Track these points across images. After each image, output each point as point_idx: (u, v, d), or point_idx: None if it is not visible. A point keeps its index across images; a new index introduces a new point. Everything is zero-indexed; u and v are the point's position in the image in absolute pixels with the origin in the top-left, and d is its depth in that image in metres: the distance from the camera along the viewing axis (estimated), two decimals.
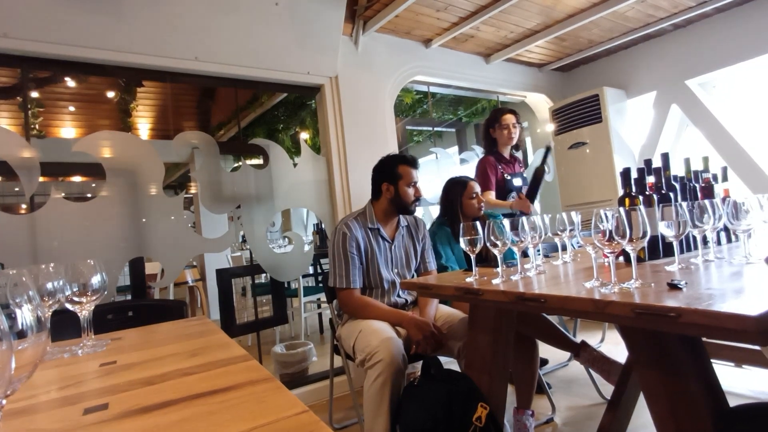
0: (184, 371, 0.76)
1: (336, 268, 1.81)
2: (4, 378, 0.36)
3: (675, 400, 1.05)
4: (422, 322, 1.68)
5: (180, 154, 2.39)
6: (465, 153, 3.66)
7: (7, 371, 0.36)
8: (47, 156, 2.06)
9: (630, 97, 3.76)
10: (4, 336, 0.36)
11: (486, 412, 1.33)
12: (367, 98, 2.96)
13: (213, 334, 1.06)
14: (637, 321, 0.90)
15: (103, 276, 1.01)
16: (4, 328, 0.36)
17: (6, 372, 0.36)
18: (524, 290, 1.14)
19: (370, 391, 1.48)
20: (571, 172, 3.79)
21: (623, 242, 1.03)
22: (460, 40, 3.28)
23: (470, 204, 2.23)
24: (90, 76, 3.15)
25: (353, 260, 1.81)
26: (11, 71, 2.90)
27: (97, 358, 0.92)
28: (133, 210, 2.21)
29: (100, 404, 0.64)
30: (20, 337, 0.42)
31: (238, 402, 0.60)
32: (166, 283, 2.69)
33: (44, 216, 1.99)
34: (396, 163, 1.92)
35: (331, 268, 1.85)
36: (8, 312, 0.41)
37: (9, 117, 3.61)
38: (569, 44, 3.61)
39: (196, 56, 2.34)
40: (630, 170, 1.46)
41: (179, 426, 0.55)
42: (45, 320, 0.45)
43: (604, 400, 2.17)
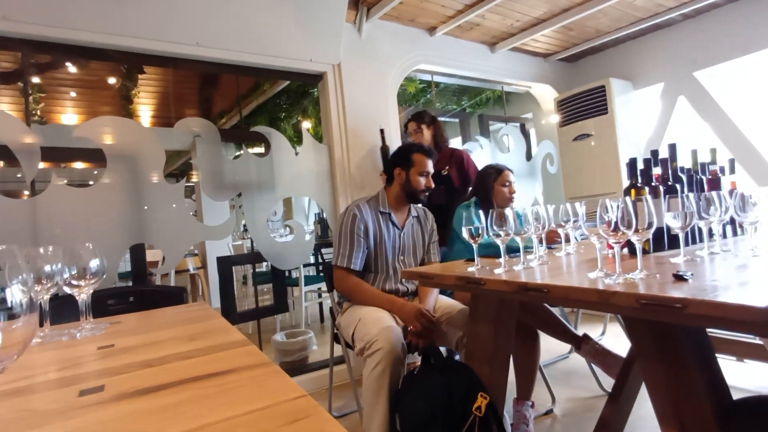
0: (182, 355, 0.75)
1: (340, 247, 1.81)
2: None
3: (678, 392, 1.04)
4: (412, 307, 1.68)
5: (181, 141, 2.38)
6: (468, 143, 3.63)
7: None
8: (48, 142, 2.05)
9: (637, 89, 3.71)
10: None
11: (486, 402, 1.33)
12: (370, 87, 2.93)
13: (213, 319, 1.05)
14: (642, 312, 0.89)
15: (101, 260, 1.00)
16: None
17: None
18: (527, 280, 1.13)
19: (369, 380, 1.48)
20: (575, 164, 3.75)
21: (629, 233, 1.01)
22: (465, 28, 3.23)
23: (501, 191, 2.23)
24: (91, 61, 3.12)
25: (358, 242, 1.81)
26: (12, 55, 2.87)
27: (95, 341, 0.92)
28: (134, 197, 2.20)
29: (96, 386, 0.63)
30: (10, 318, 0.41)
31: (235, 386, 0.59)
32: (167, 270, 2.69)
33: (45, 201, 1.98)
34: (412, 150, 1.94)
35: (335, 246, 1.85)
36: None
37: (10, 102, 3.59)
38: (576, 34, 3.55)
39: (197, 42, 2.32)
40: (636, 161, 1.44)
41: (175, 408, 0.54)
42: (36, 301, 0.44)
43: (605, 393, 2.17)
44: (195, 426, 0.48)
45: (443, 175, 2.62)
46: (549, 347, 2.75)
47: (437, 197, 2.56)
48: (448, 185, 2.63)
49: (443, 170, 2.65)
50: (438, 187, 2.47)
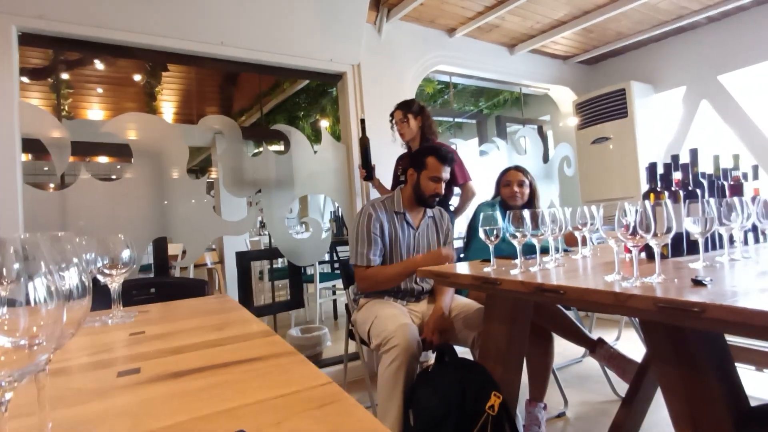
0: (210, 343, 0.79)
1: (358, 246, 1.83)
2: (56, 331, 0.38)
3: (693, 397, 1.04)
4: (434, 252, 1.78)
5: (203, 138, 2.44)
6: (485, 145, 3.63)
7: (59, 325, 0.39)
8: (76, 136, 2.12)
9: (657, 92, 3.66)
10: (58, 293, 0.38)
11: (499, 401, 1.34)
12: (389, 87, 2.95)
13: (235, 310, 1.09)
14: (659, 315, 0.89)
15: (132, 250, 1.04)
16: (59, 286, 0.38)
17: (58, 325, 0.38)
18: (543, 281, 1.14)
19: (384, 375, 1.50)
20: (593, 168, 3.72)
21: (647, 236, 1.01)
22: (485, 29, 3.23)
23: (503, 191, 2.27)
24: (117, 59, 3.21)
25: (375, 241, 1.83)
26: (43, 52, 2.98)
27: (126, 328, 0.96)
28: (158, 192, 2.27)
29: (133, 368, 0.67)
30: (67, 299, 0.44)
31: (263, 372, 0.62)
32: (188, 263, 2.76)
33: (74, 194, 2.06)
34: (427, 153, 1.91)
35: (352, 246, 1.86)
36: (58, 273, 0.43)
37: (40, 98, 3.71)
38: (597, 36, 3.52)
39: (221, 41, 2.37)
40: (656, 165, 1.44)
41: (207, 391, 0.57)
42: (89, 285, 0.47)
43: (618, 398, 2.15)
44: (228, 407, 0.51)
45: None
46: (562, 350, 2.74)
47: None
48: None
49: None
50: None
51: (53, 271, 0.40)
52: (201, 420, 0.48)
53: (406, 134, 2.51)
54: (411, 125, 2.49)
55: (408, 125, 2.49)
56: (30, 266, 0.39)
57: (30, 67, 3.09)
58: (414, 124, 2.49)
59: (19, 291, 0.38)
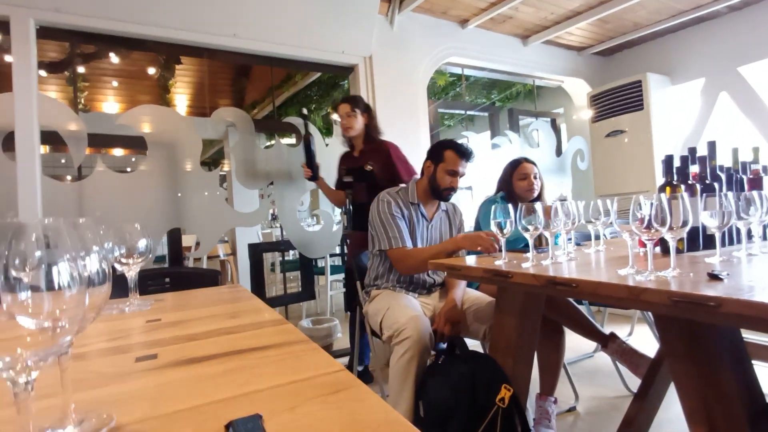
0: (225, 330, 0.80)
1: (387, 231, 1.82)
2: (78, 314, 0.39)
3: (708, 392, 1.03)
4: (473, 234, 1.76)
5: (216, 130, 2.46)
6: (497, 138, 3.59)
7: (81, 308, 0.40)
8: (92, 129, 2.16)
9: (675, 84, 3.58)
10: (81, 279, 0.39)
11: (510, 394, 1.34)
12: (401, 79, 2.94)
13: (249, 300, 1.11)
14: (674, 309, 0.88)
15: (148, 240, 1.06)
16: (81, 271, 0.40)
17: (80, 309, 0.39)
18: (555, 274, 1.13)
19: (396, 367, 1.51)
20: (607, 161, 3.67)
21: (662, 230, 1.00)
22: (498, 20, 3.19)
23: (519, 185, 2.22)
24: (132, 52, 3.25)
25: (401, 221, 1.84)
26: (60, 46, 3.03)
27: (142, 316, 0.98)
28: (172, 183, 2.30)
29: (150, 354, 0.69)
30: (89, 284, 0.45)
31: (277, 359, 0.63)
32: (202, 254, 2.80)
33: (90, 185, 2.10)
34: (446, 146, 1.89)
35: (380, 234, 1.84)
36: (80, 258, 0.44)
37: (57, 91, 3.77)
38: (612, 27, 3.45)
39: (234, 33, 2.38)
40: (673, 158, 1.41)
41: (223, 376, 0.58)
42: (109, 271, 0.48)
43: (630, 393, 2.14)
44: (243, 392, 0.52)
45: (366, 171, 2.31)
46: (573, 345, 2.72)
47: (360, 195, 2.34)
48: (371, 182, 2.31)
49: (366, 166, 2.33)
50: (360, 185, 2.33)
51: (75, 256, 0.41)
52: (218, 403, 0.49)
53: (353, 129, 2.36)
54: (358, 120, 2.36)
55: (355, 119, 2.35)
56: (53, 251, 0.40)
57: (47, 61, 3.14)
58: (360, 120, 2.37)
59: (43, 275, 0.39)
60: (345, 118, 2.36)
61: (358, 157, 2.41)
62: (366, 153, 2.39)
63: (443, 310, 1.74)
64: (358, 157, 2.41)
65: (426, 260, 1.79)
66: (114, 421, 0.47)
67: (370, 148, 2.40)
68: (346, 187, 2.38)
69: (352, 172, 2.36)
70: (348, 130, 2.37)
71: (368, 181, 2.32)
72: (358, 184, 2.35)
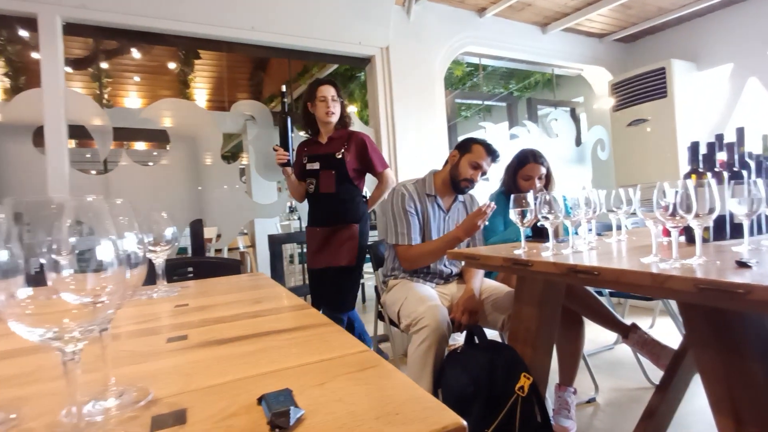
0: (251, 314, 0.83)
1: (397, 226, 1.85)
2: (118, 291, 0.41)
3: (734, 381, 1.01)
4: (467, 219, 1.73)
5: (235, 123, 2.49)
6: (515, 128, 3.55)
7: (122, 284, 0.42)
8: (115, 123, 2.21)
9: (701, 70, 3.48)
10: (121, 258, 0.41)
11: (529, 383, 1.34)
12: (417, 70, 2.93)
13: (272, 287, 1.13)
14: (700, 297, 0.87)
15: (175, 228, 1.09)
16: (121, 252, 0.42)
17: (121, 285, 0.42)
18: (575, 263, 1.12)
19: (414, 355, 1.52)
20: (629, 151, 3.59)
21: (688, 217, 0.98)
22: (517, 8, 3.14)
23: (522, 184, 2.14)
24: (153, 48, 3.31)
25: (413, 218, 1.85)
26: (84, 43, 3.10)
27: (170, 301, 1.01)
28: (194, 176, 2.35)
29: (181, 335, 0.71)
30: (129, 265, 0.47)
31: (303, 340, 0.65)
32: (223, 245, 2.86)
33: (115, 178, 2.16)
34: (476, 141, 1.91)
35: (390, 227, 1.88)
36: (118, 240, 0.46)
37: (82, 87, 3.87)
38: (635, 12, 3.36)
39: (252, 26, 2.40)
40: (698, 145, 1.38)
41: (252, 355, 0.60)
42: (144, 253, 0.50)
43: (652, 385, 2.11)
44: (273, 369, 0.54)
45: (337, 158, 2.15)
46: (593, 337, 2.70)
47: (327, 185, 2.15)
48: (341, 171, 2.15)
49: (337, 153, 2.15)
50: (328, 173, 2.13)
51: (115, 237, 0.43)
52: (248, 379, 0.51)
53: (336, 114, 2.16)
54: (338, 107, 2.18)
55: (337, 104, 2.16)
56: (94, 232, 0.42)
57: (72, 57, 3.23)
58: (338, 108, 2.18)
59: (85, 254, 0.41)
60: (330, 102, 2.13)
61: (326, 143, 2.19)
62: (336, 140, 2.18)
63: (461, 300, 1.74)
64: (326, 143, 2.19)
65: (425, 259, 1.83)
66: (152, 395, 0.49)
67: (340, 136, 2.20)
68: (308, 176, 2.18)
69: (317, 159, 2.16)
70: (331, 115, 2.14)
71: (337, 169, 2.14)
72: (326, 172, 2.14)
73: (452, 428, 0.37)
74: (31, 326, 0.37)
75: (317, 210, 2.21)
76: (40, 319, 0.37)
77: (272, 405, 0.41)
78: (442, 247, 1.77)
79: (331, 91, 2.14)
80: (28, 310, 0.37)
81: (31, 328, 0.37)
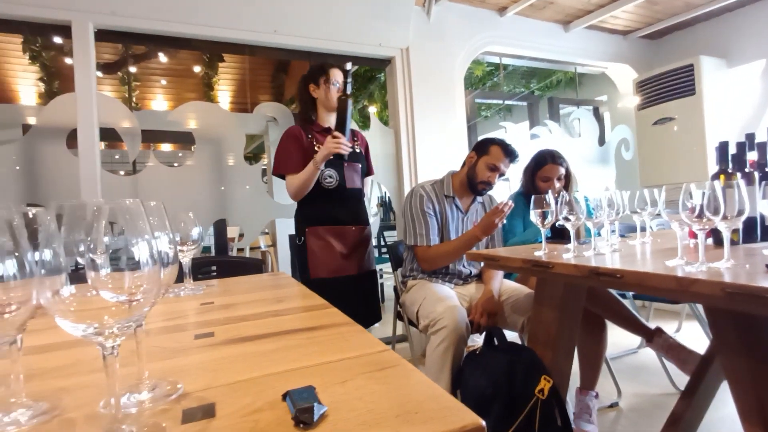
0: (274, 312, 0.85)
1: (416, 227, 1.85)
2: (153, 289, 0.44)
3: (764, 392, 0.99)
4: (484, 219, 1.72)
5: (257, 125, 2.54)
6: (536, 128, 3.51)
7: (157, 283, 0.44)
8: (143, 125, 2.29)
9: (731, 67, 3.36)
10: (156, 259, 0.44)
11: (549, 386, 1.33)
12: (437, 70, 2.93)
13: (294, 286, 1.15)
14: (727, 302, 0.85)
15: (200, 228, 1.13)
16: (156, 252, 0.44)
17: (156, 284, 0.44)
18: (597, 265, 1.11)
19: (433, 356, 1.53)
20: (654, 150, 3.50)
21: (715, 219, 0.96)
22: (538, 7, 3.10)
23: (540, 185, 2.12)
24: (179, 51, 3.40)
25: (431, 219, 1.85)
26: (113, 48, 3.21)
27: (196, 299, 1.05)
28: (218, 177, 2.41)
29: (207, 332, 0.74)
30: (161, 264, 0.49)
31: (325, 339, 0.66)
32: (246, 244, 2.92)
33: (143, 179, 2.23)
34: (494, 142, 1.89)
35: (409, 228, 1.87)
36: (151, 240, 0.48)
37: (111, 90, 4.01)
38: (662, 8, 3.27)
39: (275, 29, 2.45)
40: (728, 144, 1.34)
41: (276, 353, 0.62)
42: (176, 252, 0.53)
43: (677, 391, 2.06)
44: (295, 367, 0.56)
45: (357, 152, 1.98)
46: (616, 340, 2.64)
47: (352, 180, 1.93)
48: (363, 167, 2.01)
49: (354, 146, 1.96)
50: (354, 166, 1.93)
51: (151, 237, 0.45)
52: (273, 376, 0.53)
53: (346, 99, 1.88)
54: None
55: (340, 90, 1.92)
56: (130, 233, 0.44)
57: (102, 62, 3.34)
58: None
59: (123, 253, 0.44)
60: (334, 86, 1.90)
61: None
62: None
63: (480, 301, 1.74)
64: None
65: (443, 260, 1.83)
66: (181, 389, 0.51)
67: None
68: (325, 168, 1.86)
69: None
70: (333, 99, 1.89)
71: (361, 163, 1.96)
72: (352, 165, 1.91)
73: (471, 428, 0.38)
74: (75, 322, 0.40)
75: (338, 207, 1.90)
76: (82, 315, 0.40)
77: (296, 401, 0.43)
78: (461, 247, 1.77)
79: (342, 78, 1.92)
80: (72, 307, 0.39)
81: (74, 324, 0.40)
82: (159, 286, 0.45)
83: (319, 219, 1.89)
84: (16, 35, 2.89)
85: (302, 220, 1.93)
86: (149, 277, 0.44)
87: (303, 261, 1.91)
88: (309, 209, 1.91)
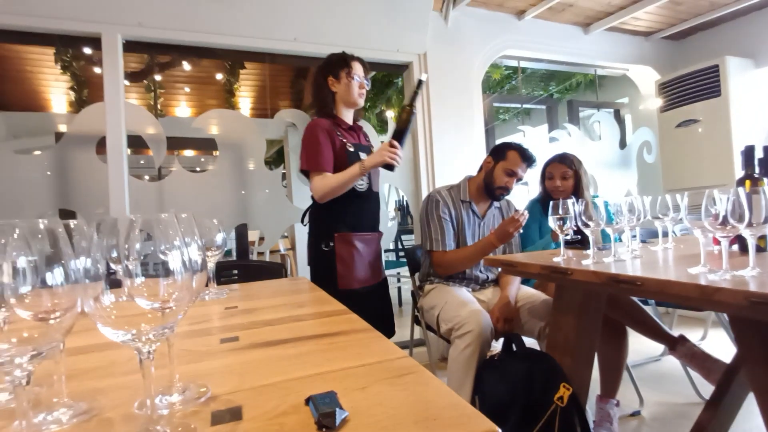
0: (296, 317, 0.87)
1: (432, 233, 1.86)
2: (185, 297, 0.46)
3: None
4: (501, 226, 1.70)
5: (277, 130, 2.59)
6: (555, 131, 3.47)
7: (189, 291, 0.46)
8: (168, 132, 2.36)
9: (759, 67, 3.27)
10: (187, 267, 0.46)
11: (569, 393, 1.32)
12: (455, 75, 2.93)
13: (314, 291, 1.18)
14: (752, 311, 0.83)
15: (224, 234, 1.16)
16: (187, 260, 0.46)
17: (188, 292, 0.46)
18: (617, 272, 1.10)
19: (458, 360, 1.53)
20: (678, 153, 3.42)
21: (740, 226, 0.94)
22: (557, 9, 3.08)
23: (547, 186, 2.13)
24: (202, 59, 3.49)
25: (447, 224, 1.86)
26: (139, 57, 3.32)
27: (220, 303, 1.08)
28: (240, 182, 2.47)
29: (233, 336, 0.77)
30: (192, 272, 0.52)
31: (346, 345, 0.68)
32: (266, 248, 2.98)
33: (168, 184, 2.30)
34: (511, 147, 1.89)
35: (425, 233, 1.89)
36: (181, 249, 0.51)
37: (137, 98, 4.14)
38: (685, 9, 3.21)
39: (295, 37, 2.49)
40: (754, 148, 1.31)
41: (298, 358, 0.64)
42: (204, 260, 0.55)
43: (702, 400, 2.01)
44: (317, 372, 0.58)
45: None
46: (638, 348, 2.59)
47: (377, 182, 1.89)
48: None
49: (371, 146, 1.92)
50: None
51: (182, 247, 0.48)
52: (296, 381, 0.55)
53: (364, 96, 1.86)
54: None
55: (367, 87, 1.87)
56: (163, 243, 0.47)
57: (129, 71, 3.46)
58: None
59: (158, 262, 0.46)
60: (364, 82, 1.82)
61: (357, 132, 1.87)
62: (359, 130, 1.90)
63: (497, 307, 1.74)
64: (357, 132, 1.87)
65: (460, 265, 1.83)
66: (210, 392, 0.54)
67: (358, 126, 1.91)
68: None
69: (364, 150, 1.82)
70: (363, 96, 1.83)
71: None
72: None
73: None
74: (115, 329, 0.42)
75: (366, 212, 1.80)
76: (121, 322, 0.43)
77: (319, 406, 0.45)
78: (477, 253, 1.77)
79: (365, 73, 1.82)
80: (112, 315, 0.42)
81: (115, 331, 0.43)
82: (191, 293, 0.47)
83: (348, 224, 1.74)
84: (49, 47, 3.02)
85: (329, 223, 1.73)
86: (182, 285, 0.47)
87: (330, 268, 1.71)
88: (338, 212, 1.74)
